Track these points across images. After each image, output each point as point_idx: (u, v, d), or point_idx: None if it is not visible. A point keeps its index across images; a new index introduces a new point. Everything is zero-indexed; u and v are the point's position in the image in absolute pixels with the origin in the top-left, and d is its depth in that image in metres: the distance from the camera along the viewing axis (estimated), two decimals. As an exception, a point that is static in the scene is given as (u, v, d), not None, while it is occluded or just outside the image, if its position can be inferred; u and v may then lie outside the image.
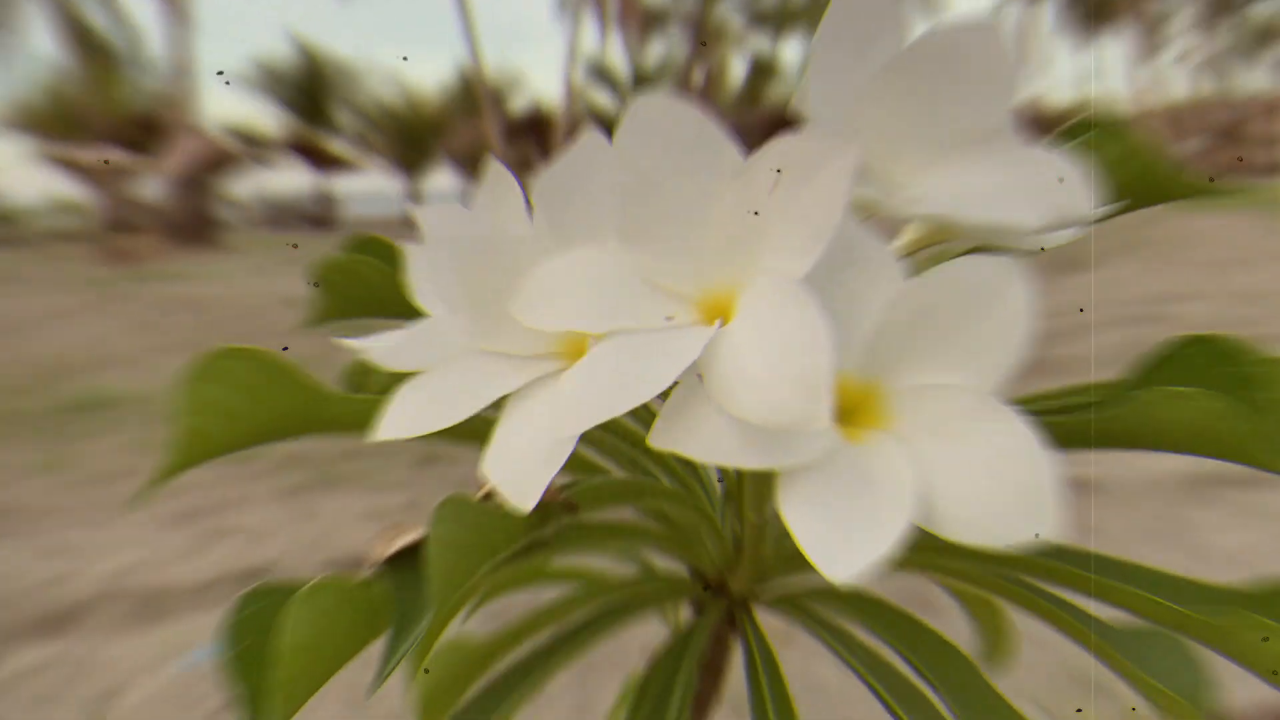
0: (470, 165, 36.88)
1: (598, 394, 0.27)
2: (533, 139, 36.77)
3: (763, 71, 39.24)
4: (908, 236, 0.37)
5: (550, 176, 0.31)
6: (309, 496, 3.83)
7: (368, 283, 0.45)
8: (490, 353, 0.31)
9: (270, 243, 21.57)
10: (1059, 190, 0.33)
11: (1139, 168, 0.38)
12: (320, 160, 34.40)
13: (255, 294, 11.36)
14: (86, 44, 29.31)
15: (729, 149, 0.30)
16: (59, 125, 31.63)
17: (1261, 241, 11.77)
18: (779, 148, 0.29)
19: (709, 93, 33.40)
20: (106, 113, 29.21)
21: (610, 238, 0.30)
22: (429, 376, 0.32)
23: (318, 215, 34.45)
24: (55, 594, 2.94)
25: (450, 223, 0.30)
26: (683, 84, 33.81)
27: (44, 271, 16.44)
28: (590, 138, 0.32)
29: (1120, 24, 34.00)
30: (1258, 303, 7.49)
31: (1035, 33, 34.65)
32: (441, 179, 40.81)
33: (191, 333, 8.68)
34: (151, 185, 31.60)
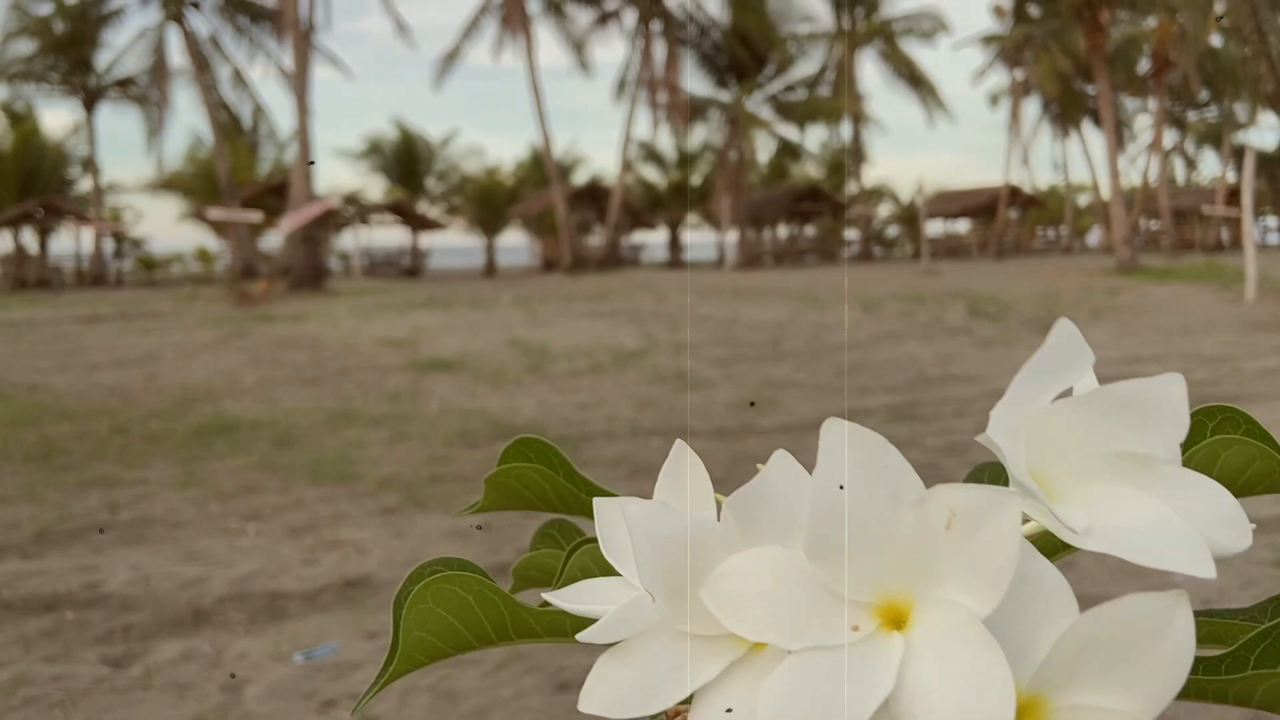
0: (538, 227, 37.25)
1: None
2: (591, 206, 37.12)
3: (788, 153, 39.36)
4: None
5: (744, 493, 0.31)
6: (402, 515, 3.85)
7: (533, 486, 0.46)
8: (683, 633, 0.31)
9: (369, 290, 21.80)
10: (1218, 522, 0.32)
11: (1268, 466, 0.37)
12: (413, 220, 34.86)
13: (356, 335, 11.50)
14: (226, 121, 30.02)
15: (911, 476, 0.30)
16: (201, 188, 32.36)
17: (1208, 310, 11.62)
18: (950, 494, 0.28)
19: (741, 169, 33.56)
20: (240, 178, 29.84)
21: (792, 538, 0.30)
22: (629, 651, 0.32)
23: (409, 267, 34.83)
24: (190, 595, 2.97)
25: (651, 520, 0.31)
26: (720, 162, 34.03)
27: (180, 311, 16.75)
28: (780, 458, 0.32)
29: (1096, 118, 33.71)
30: (1209, 365, 7.38)
31: (1022, 122, 34.52)
32: (513, 237, 41.20)
33: (303, 368, 8.78)
34: (273, 239, 32.16)
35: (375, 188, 39.14)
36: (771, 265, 36.57)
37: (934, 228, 38.07)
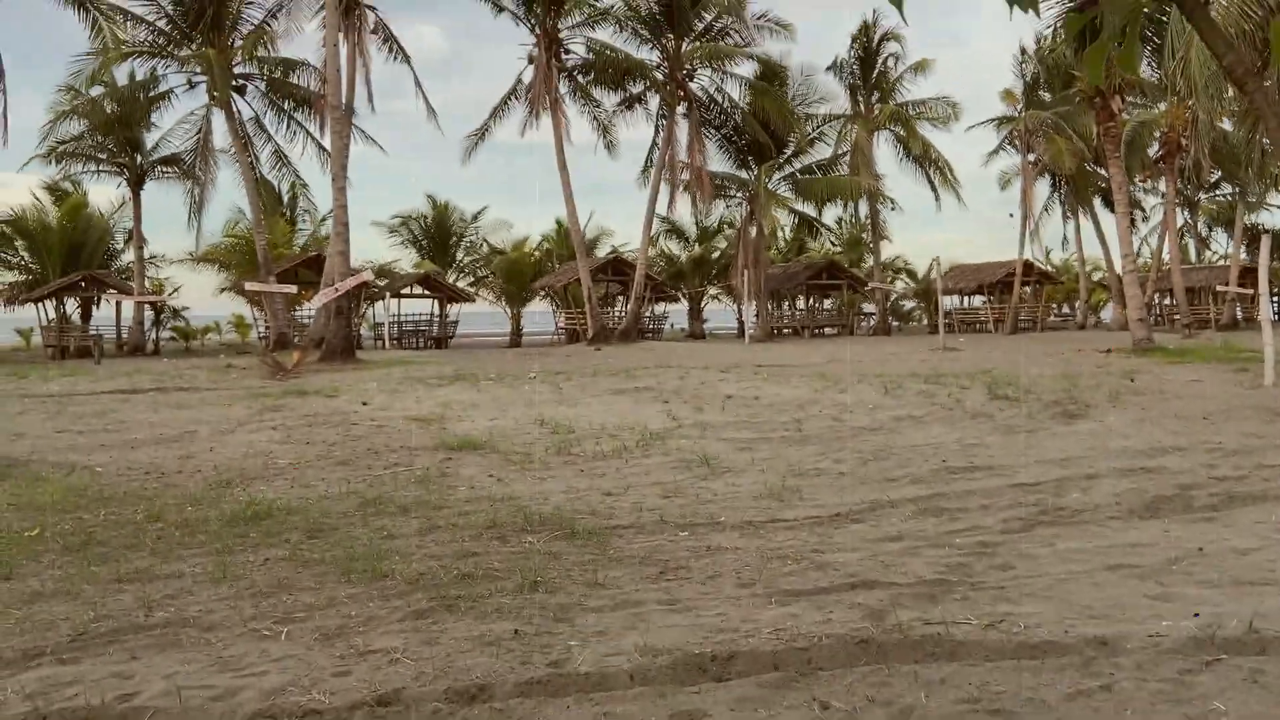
0: (563, 298, 37.49)
1: None
2: (615, 279, 37.39)
3: (806, 229, 39.60)
4: None
5: None
6: (433, 620, 3.76)
7: None
8: None
9: (399, 360, 21.90)
10: None
11: None
12: (442, 291, 35.20)
13: (386, 411, 11.49)
14: (265, 197, 30.59)
15: None
16: (239, 261, 32.87)
17: (1228, 395, 11.42)
18: None
19: (761, 244, 33.74)
20: (277, 252, 30.31)
21: None
22: None
23: (438, 336, 35.07)
24: (223, 710, 2.90)
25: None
26: (740, 237, 34.28)
27: (215, 382, 16.85)
28: None
29: (1107, 198, 33.79)
30: (1232, 459, 7.21)
31: (1033, 201, 34.60)
32: (538, 307, 41.48)
33: (335, 447, 8.76)
34: (307, 309, 32.51)
35: (407, 260, 39.61)
36: (791, 337, 36.57)
37: (950, 302, 38.04)
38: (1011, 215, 59.17)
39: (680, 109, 32.16)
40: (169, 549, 4.90)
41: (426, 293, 35.51)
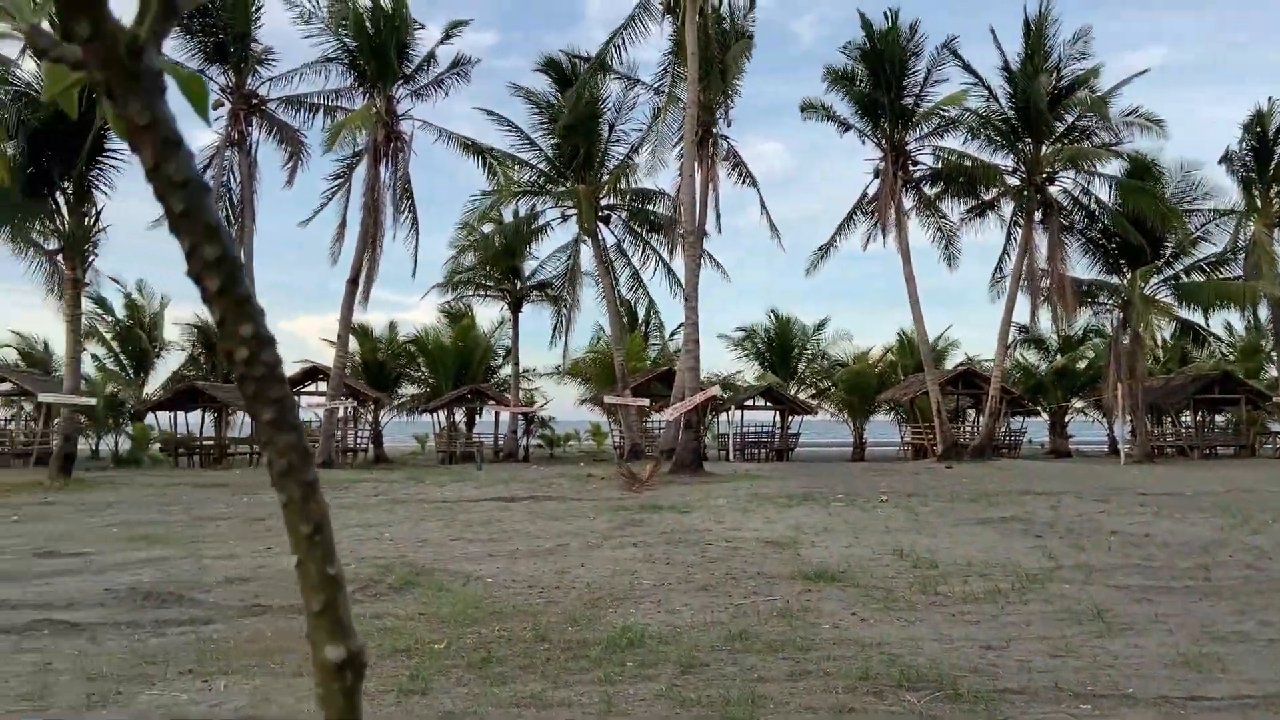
0: (909, 412, 36.36)
1: None
2: (966, 391, 35.68)
3: (1191, 338, 35.59)
4: None
5: None
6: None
7: None
8: None
9: (744, 475, 22.26)
10: None
11: None
12: (784, 404, 35.56)
13: (738, 531, 11.63)
14: (623, 316, 33.05)
15: None
16: (598, 375, 35.61)
17: None
18: None
19: (1136, 355, 30.70)
20: (631, 366, 32.44)
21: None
22: None
23: (781, 448, 35.33)
24: None
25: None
26: (1113, 346, 31.43)
27: (578, 491, 18.09)
28: None
29: None
30: None
31: None
32: (882, 419, 40.52)
33: (694, 569, 8.95)
34: (657, 420, 34.23)
35: (749, 371, 40.59)
36: (1175, 458, 32.56)
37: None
38: None
39: (1038, 214, 30.58)
40: (558, 673, 5.19)
41: (769, 404, 36.04)
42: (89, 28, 0.40)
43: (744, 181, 31.32)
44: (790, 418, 36.28)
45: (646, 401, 30.71)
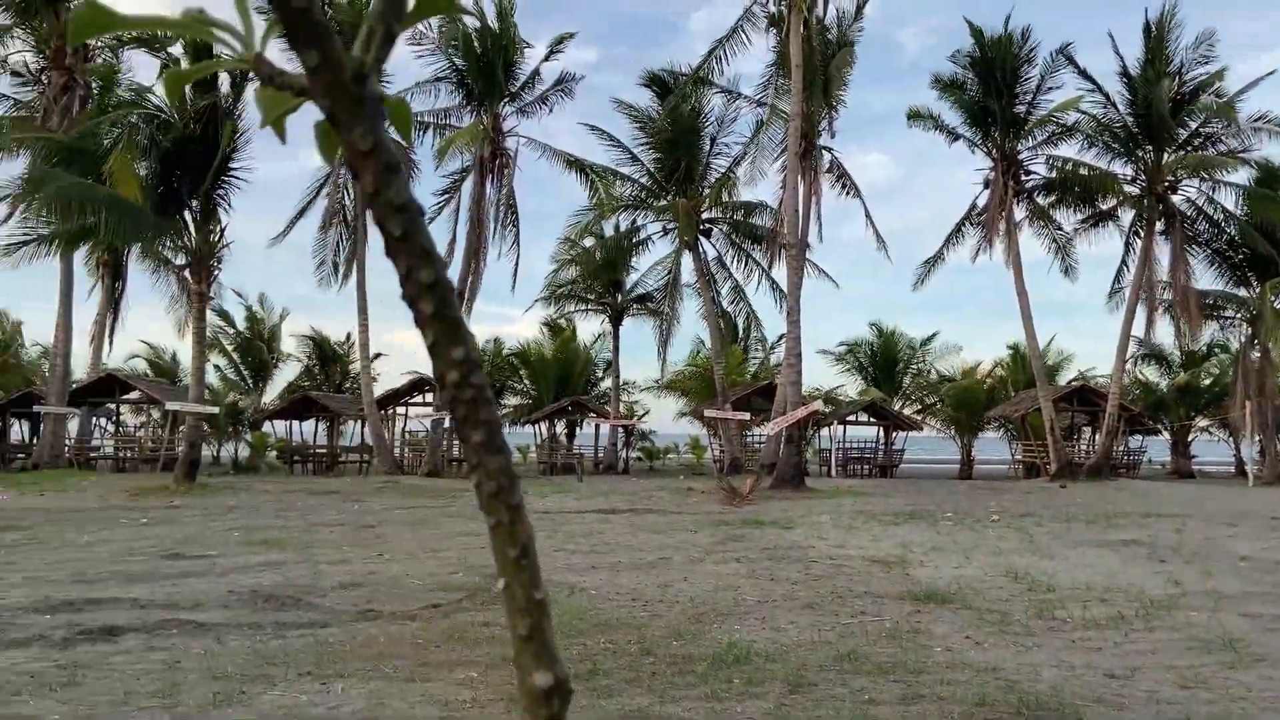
0: (1019, 429, 35.15)
1: None
2: (1081, 408, 34.32)
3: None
4: None
5: None
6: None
7: None
8: None
9: (847, 491, 21.87)
10: None
11: None
12: (888, 419, 34.86)
13: (843, 549, 11.41)
14: (723, 329, 32.95)
15: None
16: (697, 388, 35.55)
17: None
18: None
19: (1266, 371, 29.05)
20: (731, 380, 32.30)
21: None
22: None
23: (884, 464, 34.61)
24: None
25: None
26: (1240, 362, 29.83)
27: (679, 504, 18.05)
28: None
29: None
30: None
31: None
32: (991, 436, 39.30)
33: (798, 586, 8.82)
34: (757, 434, 33.96)
35: (851, 386, 39.93)
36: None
37: None
38: None
39: (1159, 224, 29.30)
40: (664, 688, 5.17)
41: (872, 420, 35.37)
42: (318, 57, 0.41)
43: (848, 193, 30.94)
44: (894, 433, 35.51)
45: (747, 415, 30.50)
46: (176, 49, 21.53)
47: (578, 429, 37.46)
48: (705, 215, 31.99)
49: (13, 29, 28.73)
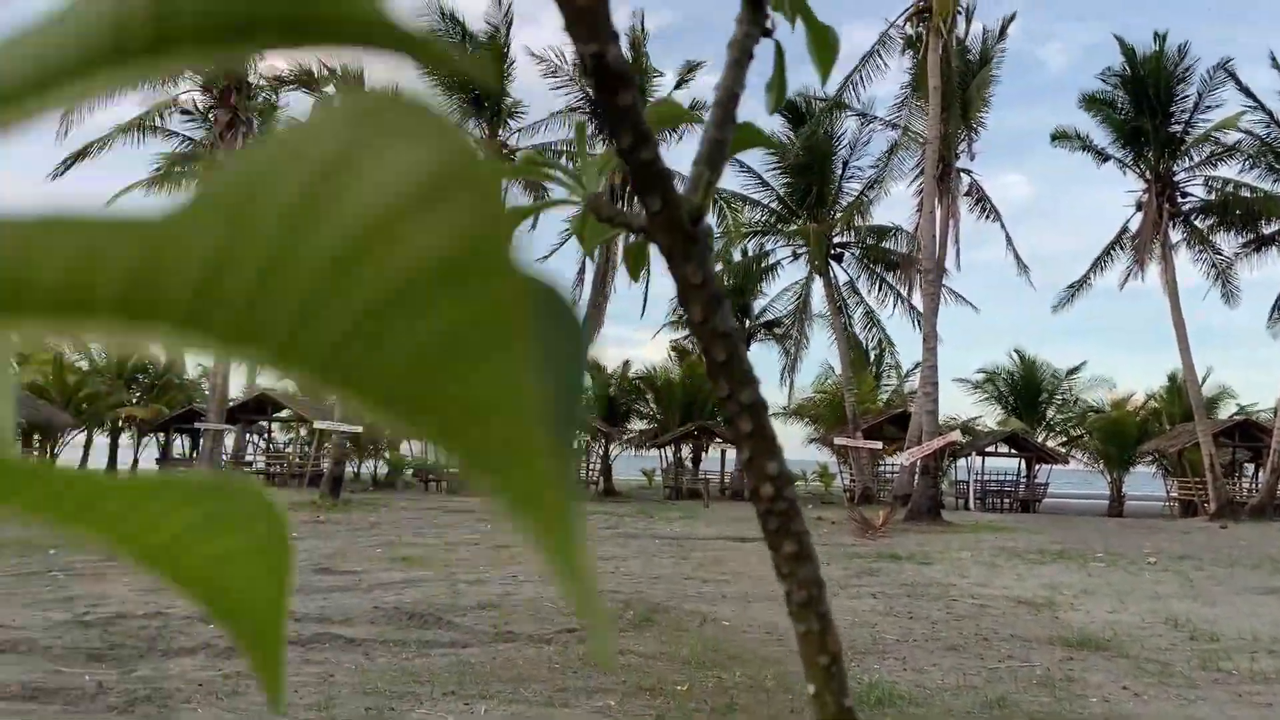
0: (1175, 465, 33.20)
1: None
2: (1243, 444, 32.17)
3: None
4: None
5: None
6: None
7: None
8: None
9: (987, 526, 21.08)
10: None
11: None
12: (1030, 451, 33.47)
13: (986, 588, 11.00)
14: (854, 356, 32.39)
15: None
16: (826, 415, 35.00)
17: None
18: None
19: None
20: (862, 407, 31.69)
21: None
22: None
23: (1026, 498, 33.23)
24: None
25: None
26: None
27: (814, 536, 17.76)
28: None
29: None
30: None
31: None
32: (1143, 471, 37.27)
33: (939, 626, 8.55)
34: (889, 464, 33.15)
35: (990, 416, 38.53)
36: None
37: None
38: None
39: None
40: (803, 727, 5.10)
41: (1012, 451, 34.02)
42: (660, 202, 0.44)
43: (987, 216, 30.05)
44: (1037, 466, 34.04)
45: (880, 445, 29.84)
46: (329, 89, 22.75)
47: (704, 454, 37.40)
48: (837, 239, 31.60)
49: (184, 71, 30.95)
